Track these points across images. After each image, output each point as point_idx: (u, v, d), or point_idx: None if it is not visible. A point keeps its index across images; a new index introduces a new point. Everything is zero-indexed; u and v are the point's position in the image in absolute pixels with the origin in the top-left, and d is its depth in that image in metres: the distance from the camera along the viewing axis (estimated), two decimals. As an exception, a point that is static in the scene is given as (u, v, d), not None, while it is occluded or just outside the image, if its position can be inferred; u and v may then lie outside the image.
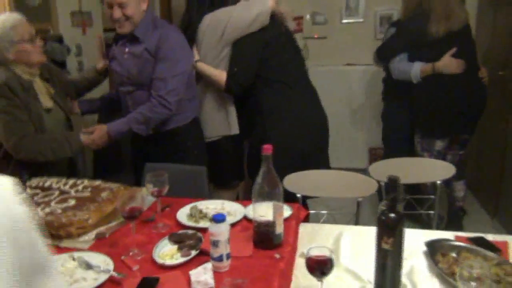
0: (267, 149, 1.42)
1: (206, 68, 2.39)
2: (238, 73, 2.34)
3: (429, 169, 2.25)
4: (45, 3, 2.92)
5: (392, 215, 1.19)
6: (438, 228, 2.29)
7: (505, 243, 1.49)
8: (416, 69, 2.72)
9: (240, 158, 2.64)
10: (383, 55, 2.92)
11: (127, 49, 2.21)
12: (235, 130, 2.50)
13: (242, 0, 2.37)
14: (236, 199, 2.63)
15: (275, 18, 2.37)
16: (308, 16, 4.34)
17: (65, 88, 2.34)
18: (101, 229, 1.56)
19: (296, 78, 2.45)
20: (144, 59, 2.15)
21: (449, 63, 2.66)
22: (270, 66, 2.37)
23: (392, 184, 1.18)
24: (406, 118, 2.95)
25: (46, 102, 2.17)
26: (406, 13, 2.81)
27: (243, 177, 2.72)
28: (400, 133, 3.06)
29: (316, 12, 4.35)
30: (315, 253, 1.19)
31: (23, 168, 2.08)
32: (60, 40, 2.90)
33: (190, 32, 2.39)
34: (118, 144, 2.48)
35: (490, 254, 1.36)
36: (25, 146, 2.03)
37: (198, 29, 2.38)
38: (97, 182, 1.81)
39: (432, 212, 2.26)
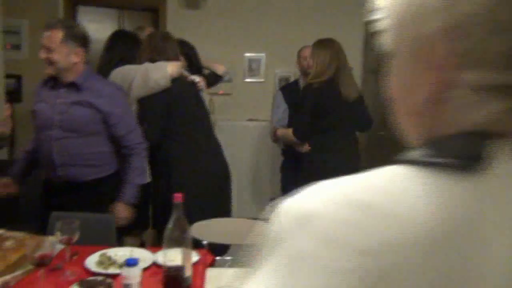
0: (178, 197, 1.54)
1: None
2: (146, 130, 2.45)
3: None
4: None
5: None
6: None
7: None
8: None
9: (145, 206, 2.70)
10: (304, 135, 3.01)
11: (63, 94, 2.21)
12: (146, 179, 2.58)
13: (145, 62, 2.53)
14: (141, 246, 2.66)
15: (180, 79, 2.55)
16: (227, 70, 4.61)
17: None
18: (7, 277, 1.54)
19: (200, 130, 2.63)
20: (85, 109, 2.19)
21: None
22: (174, 121, 2.54)
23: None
24: None
25: None
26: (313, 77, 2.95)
27: (147, 224, 2.77)
28: (296, 184, 3.33)
29: (221, 71, 4.63)
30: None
31: None
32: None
33: None
34: (15, 196, 2.42)
35: None
36: None
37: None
38: (0, 231, 1.78)
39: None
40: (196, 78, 2.68)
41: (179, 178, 2.51)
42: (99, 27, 4.68)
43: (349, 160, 2.94)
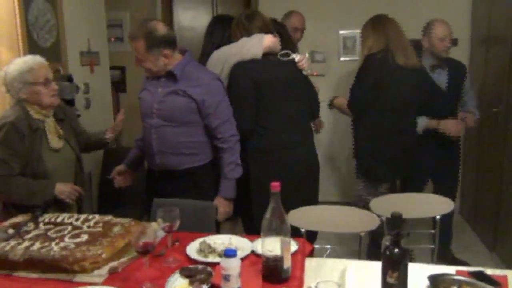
0: (275, 186, 1.49)
1: None
2: (238, 119, 2.35)
3: (428, 204, 2.32)
4: (56, 44, 3.04)
5: (397, 250, 1.25)
6: (433, 260, 2.34)
7: (505, 277, 1.54)
8: (421, 124, 2.87)
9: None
10: (358, 107, 2.84)
11: (162, 83, 2.27)
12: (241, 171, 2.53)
13: (243, 38, 2.47)
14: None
15: (273, 59, 2.45)
16: (306, 55, 4.48)
17: (77, 131, 2.47)
18: (114, 264, 1.61)
19: (284, 122, 2.46)
20: (181, 98, 2.22)
21: (451, 127, 2.86)
22: (258, 111, 2.41)
23: (395, 220, 1.25)
24: None
25: (55, 142, 2.26)
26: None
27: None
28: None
29: (314, 51, 4.50)
30: (323, 287, 1.24)
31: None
32: (69, 79, 3.00)
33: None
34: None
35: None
36: None
37: (207, 65, 2.49)
38: (108, 217, 1.87)
39: (432, 246, 2.32)
40: (297, 56, 2.54)
41: (255, 171, 2.43)
42: (194, 13, 4.80)
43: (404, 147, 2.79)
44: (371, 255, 2.63)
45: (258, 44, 2.37)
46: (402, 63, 2.65)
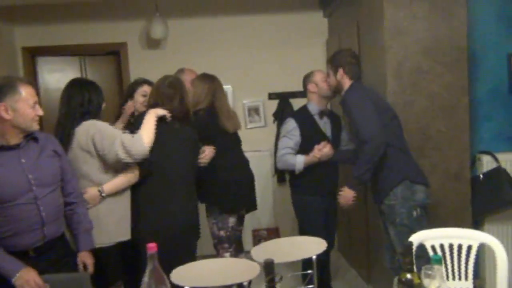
0: (152, 247, 1.47)
1: None
2: None
3: (305, 246, 2.46)
4: None
5: (272, 295, 1.31)
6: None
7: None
8: (300, 162, 3.08)
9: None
10: None
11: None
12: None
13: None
14: None
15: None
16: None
17: None
18: None
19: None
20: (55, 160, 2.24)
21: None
22: None
23: (267, 266, 1.31)
24: None
25: None
26: None
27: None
28: None
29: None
30: None
31: None
32: None
33: None
34: None
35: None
36: None
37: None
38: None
39: (311, 286, 2.43)
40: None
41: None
42: (60, 76, 4.62)
43: None
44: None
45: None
46: None
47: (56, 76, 4.62)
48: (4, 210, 1.98)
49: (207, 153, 2.92)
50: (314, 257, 2.37)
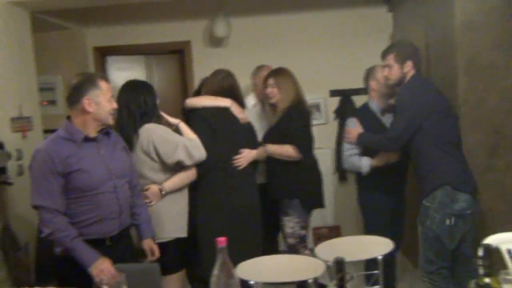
0: (221, 241, 1.50)
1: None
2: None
3: (369, 246, 2.41)
4: (-15, 111, 2.95)
5: (342, 294, 1.30)
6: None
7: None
8: (366, 165, 3.00)
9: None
10: None
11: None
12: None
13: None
14: None
15: None
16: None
17: None
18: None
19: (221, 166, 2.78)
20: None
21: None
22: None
23: (338, 265, 1.30)
24: None
25: None
26: None
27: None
28: None
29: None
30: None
31: None
32: (0, 146, 2.90)
33: None
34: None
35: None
36: None
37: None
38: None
39: (376, 287, 2.39)
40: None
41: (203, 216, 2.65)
42: (128, 74, 4.81)
43: None
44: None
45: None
46: None
47: (124, 74, 4.80)
48: (91, 197, 2.12)
49: (245, 154, 2.87)
50: (380, 257, 2.32)
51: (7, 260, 2.20)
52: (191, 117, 2.78)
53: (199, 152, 2.55)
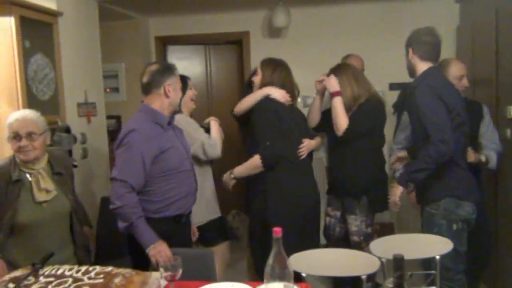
0: (277, 231, 1.51)
1: None
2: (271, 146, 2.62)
3: (427, 245, 2.34)
4: (55, 97, 3.10)
5: (400, 292, 1.27)
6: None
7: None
8: None
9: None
10: None
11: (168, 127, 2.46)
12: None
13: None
14: None
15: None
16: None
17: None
18: (117, 315, 1.60)
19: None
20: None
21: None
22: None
23: (397, 262, 1.27)
24: None
25: (40, 195, 2.19)
26: None
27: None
28: None
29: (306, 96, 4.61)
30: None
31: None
32: (67, 130, 3.04)
33: None
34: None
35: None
36: None
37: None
38: (109, 268, 1.86)
39: (434, 287, 2.31)
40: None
41: (274, 208, 2.62)
42: (187, 63, 4.93)
43: None
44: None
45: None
46: None
47: (184, 63, 4.91)
48: (176, 175, 2.29)
49: (306, 144, 2.78)
50: (437, 257, 2.24)
51: (73, 240, 2.31)
52: (256, 111, 2.73)
53: (214, 151, 2.77)
